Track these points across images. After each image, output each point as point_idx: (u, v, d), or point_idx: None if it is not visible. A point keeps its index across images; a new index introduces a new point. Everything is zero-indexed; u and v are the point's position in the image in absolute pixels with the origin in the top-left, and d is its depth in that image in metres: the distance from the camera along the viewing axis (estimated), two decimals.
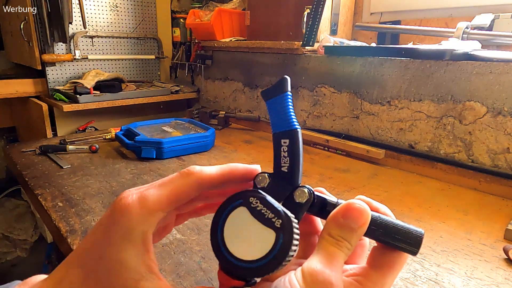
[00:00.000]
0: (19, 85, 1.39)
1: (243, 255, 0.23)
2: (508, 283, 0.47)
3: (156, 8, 1.64)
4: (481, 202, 0.73)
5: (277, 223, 0.23)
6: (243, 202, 0.24)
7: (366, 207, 0.24)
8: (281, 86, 0.27)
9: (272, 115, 0.28)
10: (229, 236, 0.24)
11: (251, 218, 0.23)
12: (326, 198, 0.27)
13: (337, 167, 0.92)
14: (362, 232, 0.24)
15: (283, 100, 0.27)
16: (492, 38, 0.86)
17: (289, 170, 0.27)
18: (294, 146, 0.27)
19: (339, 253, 0.23)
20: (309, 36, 1.08)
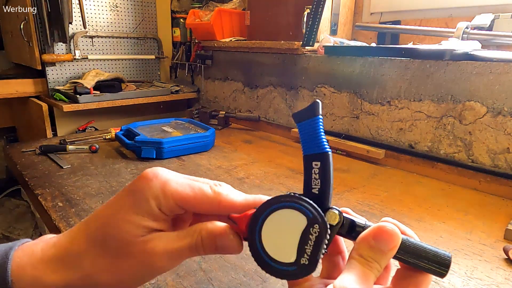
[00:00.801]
0: (19, 85, 1.39)
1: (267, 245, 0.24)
2: (508, 283, 0.47)
3: (156, 8, 1.64)
4: (481, 202, 0.73)
5: (304, 260, 0.24)
6: (310, 218, 0.24)
7: (397, 231, 0.24)
8: (313, 110, 0.28)
9: (303, 137, 0.28)
10: (268, 229, 0.25)
11: (299, 232, 0.24)
12: (355, 220, 0.27)
13: (337, 167, 0.92)
14: (392, 254, 0.24)
15: (315, 124, 0.28)
16: (492, 38, 0.86)
17: (320, 192, 0.27)
18: (326, 168, 0.27)
19: (370, 274, 0.23)
20: (309, 36, 1.08)
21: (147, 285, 0.45)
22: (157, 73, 1.73)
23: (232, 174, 0.84)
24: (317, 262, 0.23)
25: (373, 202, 0.71)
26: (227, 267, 0.49)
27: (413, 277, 0.25)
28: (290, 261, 0.24)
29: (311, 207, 0.25)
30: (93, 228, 0.26)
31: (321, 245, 0.24)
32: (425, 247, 0.25)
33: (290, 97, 1.19)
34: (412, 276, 0.25)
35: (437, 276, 0.25)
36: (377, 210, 0.68)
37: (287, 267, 0.24)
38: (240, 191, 0.30)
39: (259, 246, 0.24)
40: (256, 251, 0.24)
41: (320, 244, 0.24)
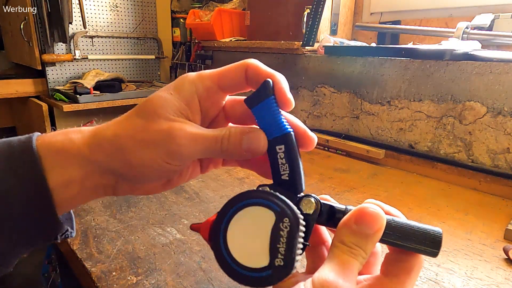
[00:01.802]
0: (19, 85, 1.39)
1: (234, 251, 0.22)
2: (508, 283, 0.47)
3: (156, 8, 1.64)
4: (481, 202, 0.73)
5: (278, 261, 0.21)
6: (278, 212, 0.21)
7: (380, 211, 0.22)
8: (265, 90, 0.25)
9: (260, 122, 0.26)
10: (233, 233, 0.22)
11: (268, 230, 0.21)
12: (334, 205, 0.25)
13: (337, 167, 0.92)
14: (378, 238, 0.22)
15: (269, 105, 0.25)
16: (492, 38, 0.86)
17: (290, 177, 0.25)
18: (291, 150, 0.25)
19: (353, 262, 0.21)
20: (309, 36, 1.08)
21: (147, 284, 0.45)
22: (157, 73, 1.73)
23: (232, 174, 0.84)
24: (294, 260, 0.21)
25: None
26: None
27: (403, 260, 0.23)
28: (263, 265, 0.21)
29: (276, 199, 0.22)
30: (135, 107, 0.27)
31: (295, 241, 0.21)
32: (412, 225, 0.22)
33: None
34: (402, 259, 0.23)
35: (430, 255, 0.22)
36: None
37: (261, 272, 0.21)
38: (239, 191, 0.29)
39: (226, 254, 0.22)
40: (223, 260, 0.21)
41: (293, 240, 0.21)
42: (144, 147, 0.24)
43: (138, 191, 0.28)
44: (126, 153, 0.24)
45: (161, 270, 0.48)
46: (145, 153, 0.24)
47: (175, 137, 0.24)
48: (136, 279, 0.46)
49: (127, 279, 0.46)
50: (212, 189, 0.73)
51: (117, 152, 0.24)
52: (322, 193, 0.27)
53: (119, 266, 0.48)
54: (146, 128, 0.24)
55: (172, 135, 0.24)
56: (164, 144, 0.24)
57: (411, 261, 0.23)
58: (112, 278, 0.46)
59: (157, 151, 0.24)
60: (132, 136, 0.24)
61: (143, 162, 0.24)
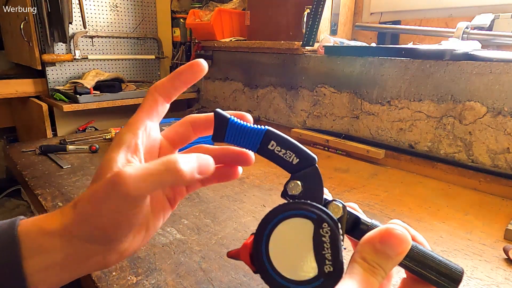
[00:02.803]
0: (19, 85, 1.39)
1: (281, 268, 0.21)
2: (508, 283, 0.47)
3: (156, 8, 1.64)
4: (481, 202, 0.73)
5: (327, 268, 0.21)
6: (315, 219, 0.21)
7: (407, 235, 0.22)
8: (220, 119, 0.26)
9: (240, 144, 0.25)
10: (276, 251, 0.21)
11: (309, 240, 0.21)
12: (360, 216, 0.25)
13: (337, 167, 0.92)
14: (399, 260, 0.22)
15: (234, 126, 0.25)
16: (492, 38, 0.86)
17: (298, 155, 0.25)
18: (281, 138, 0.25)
19: (374, 281, 0.21)
20: (309, 36, 1.08)
21: (147, 284, 0.45)
22: (157, 73, 1.73)
23: None
24: (342, 264, 0.21)
25: (373, 202, 0.71)
26: (227, 267, 0.49)
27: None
28: (314, 276, 0.21)
29: (309, 207, 0.22)
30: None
31: (339, 243, 0.21)
32: (435, 257, 0.23)
33: (290, 97, 1.19)
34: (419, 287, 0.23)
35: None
36: (377, 210, 0.68)
37: (313, 283, 0.21)
38: (239, 191, 0.29)
39: (275, 275, 0.21)
40: (275, 281, 0.21)
41: (337, 242, 0.21)
42: (101, 203, 0.24)
43: (126, 252, 0.28)
44: (92, 218, 0.24)
45: (161, 270, 0.48)
46: (105, 208, 0.24)
47: (120, 180, 0.23)
48: (136, 279, 0.46)
49: (127, 279, 0.46)
50: (212, 189, 0.73)
51: (85, 220, 0.25)
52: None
53: (119, 266, 0.48)
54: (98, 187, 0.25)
55: (116, 181, 0.23)
56: (114, 193, 0.24)
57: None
58: (112, 278, 0.46)
59: (111, 201, 0.24)
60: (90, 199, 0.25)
61: (108, 219, 0.24)
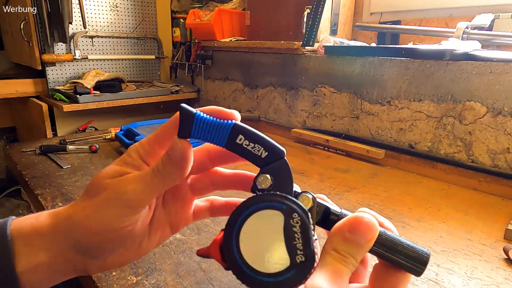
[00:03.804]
0: (19, 85, 1.39)
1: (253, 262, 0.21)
2: (508, 283, 0.47)
3: (156, 8, 1.64)
4: (481, 202, 0.73)
5: (299, 258, 0.21)
6: (285, 209, 0.21)
7: (375, 222, 0.22)
8: (186, 115, 0.24)
9: (207, 139, 0.24)
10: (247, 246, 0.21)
11: (280, 231, 0.21)
12: (330, 207, 0.25)
13: (337, 167, 0.92)
14: (369, 247, 0.22)
15: (200, 122, 0.24)
16: (492, 38, 0.86)
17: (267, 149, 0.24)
18: (248, 132, 0.24)
19: (345, 270, 0.21)
20: (309, 36, 1.08)
21: (147, 284, 0.45)
22: (157, 73, 1.73)
23: None
24: (314, 253, 0.21)
25: (373, 202, 0.71)
26: None
27: (391, 275, 0.23)
28: (286, 266, 0.21)
29: (279, 198, 0.21)
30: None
31: (309, 233, 0.21)
32: (403, 241, 0.23)
33: (290, 97, 1.19)
34: (390, 273, 0.23)
35: (413, 273, 0.23)
36: (377, 210, 0.68)
37: (286, 274, 0.21)
38: (240, 191, 0.30)
39: (247, 269, 0.21)
40: (247, 276, 0.21)
41: (307, 232, 0.21)
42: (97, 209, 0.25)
43: (112, 264, 0.28)
44: (84, 222, 0.25)
45: (161, 270, 0.48)
46: (100, 214, 0.25)
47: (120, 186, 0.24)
48: (136, 279, 0.46)
49: (127, 279, 0.46)
50: None
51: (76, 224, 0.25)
52: (321, 193, 0.27)
53: None
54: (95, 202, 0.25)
55: (116, 186, 0.25)
56: (113, 198, 0.25)
57: (399, 277, 0.23)
58: (112, 278, 0.46)
59: (110, 207, 0.24)
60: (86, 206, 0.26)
61: (101, 224, 0.25)
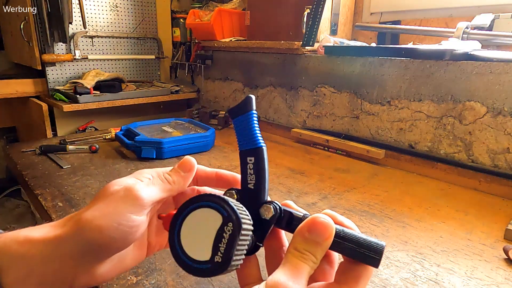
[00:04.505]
0: (19, 85, 1.39)
1: (185, 243, 0.25)
2: (508, 283, 0.47)
3: (156, 8, 1.64)
4: (481, 202, 0.73)
5: (217, 258, 0.24)
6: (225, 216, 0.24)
7: (330, 221, 0.24)
8: (246, 105, 0.28)
9: (238, 133, 0.29)
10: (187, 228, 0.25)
11: (214, 230, 0.24)
12: (292, 212, 0.27)
13: (337, 167, 0.92)
14: (327, 245, 0.24)
15: (248, 119, 0.28)
16: (492, 38, 0.86)
17: (255, 187, 0.28)
18: (260, 163, 0.28)
19: (304, 266, 0.23)
20: (309, 36, 1.08)
21: (147, 284, 0.45)
22: (157, 73, 1.73)
23: None
24: (231, 260, 0.23)
25: (373, 202, 0.71)
26: None
27: (353, 269, 0.25)
28: (205, 259, 0.24)
29: (226, 206, 0.24)
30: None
31: (234, 243, 0.24)
32: (360, 237, 0.25)
33: (290, 97, 1.19)
34: (352, 268, 0.25)
35: (371, 264, 0.25)
36: (377, 210, 0.68)
37: (202, 265, 0.24)
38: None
39: (177, 245, 0.25)
40: (175, 249, 0.25)
41: (233, 242, 0.23)
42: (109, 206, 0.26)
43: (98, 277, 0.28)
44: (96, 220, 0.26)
45: (161, 270, 0.48)
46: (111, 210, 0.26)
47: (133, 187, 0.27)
48: (136, 279, 0.46)
49: (127, 279, 0.46)
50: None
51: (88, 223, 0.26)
52: (321, 193, 0.28)
53: None
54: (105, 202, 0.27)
55: (130, 187, 0.27)
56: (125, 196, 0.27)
57: (360, 270, 0.25)
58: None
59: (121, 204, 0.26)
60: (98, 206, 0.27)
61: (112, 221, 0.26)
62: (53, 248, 0.25)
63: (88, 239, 0.26)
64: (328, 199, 0.72)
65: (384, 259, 0.52)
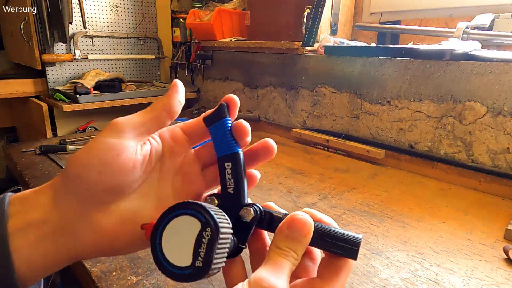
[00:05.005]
0: (19, 85, 1.39)
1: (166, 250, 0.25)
2: (508, 283, 0.47)
3: (156, 8, 1.64)
4: (481, 202, 0.73)
5: (198, 263, 0.24)
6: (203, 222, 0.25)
7: (308, 218, 0.25)
8: (221, 112, 0.29)
9: (214, 140, 0.30)
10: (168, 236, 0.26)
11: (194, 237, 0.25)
12: (272, 212, 0.29)
13: (337, 167, 0.92)
14: (307, 241, 0.25)
15: (223, 126, 0.29)
16: (492, 38, 0.86)
17: (235, 191, 0.29)
18: (237, 168, 0.29)
19: (284, 262, 0.24)
20: (309, 36, 1.08)
21: (147, 284, 0.45)
22: (157, 73, 1.73)
23: None
24: (211, 263, 0.24)
25: (373, 202, 0.71)
26: None
27: (333, 264, 0.26)
28: (186, 265, 0.25)
29: (204, 212, 0.25)
30: None
31: (213, 248, 0.24)
32: (338, 231, 0.26)
33: (290, 97, 1.19)
34: (332, 263, 0.26)
35: (349, 257, 0.26)
36: (377, 210, 0.68)
37: (184, 270, 0.25)
38: None
39: (159, 253, 0.25)
40: (157, 257, 0.25)
41: (212, 247, 0.24)
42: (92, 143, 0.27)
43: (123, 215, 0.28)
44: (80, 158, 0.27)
45: None
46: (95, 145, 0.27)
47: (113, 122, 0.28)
48: (136, 279, 0.46)
49: (127, 279, 0.46)
50: None
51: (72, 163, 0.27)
52: (321, 193, 0.28)
53: (119, 266, 0.48)
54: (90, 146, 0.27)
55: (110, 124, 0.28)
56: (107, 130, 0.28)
57: (340, 264, 0.26)
58: (112, 278, 0.46)
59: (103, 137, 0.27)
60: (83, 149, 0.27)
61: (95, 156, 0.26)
62: (49, 197, 0.26)
63: (74, 175, 0.26)
64: (328, 199, 0.72)
65: (384, 259, 0.52)
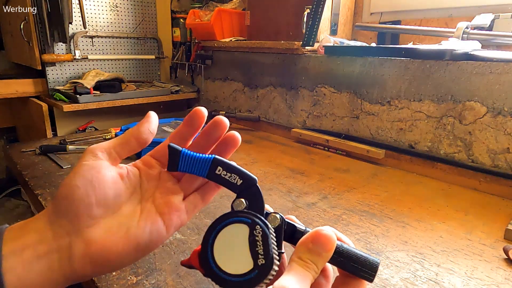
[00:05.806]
0: (19, 85, 1.39)
1: (224, 266, 0.26)
2: (508, 283, 0.47)
3: (156, 8, 1.64)
4: (481, 202, 0.73)
5: (260, 261, 0.25)
6: (250, 223, 0.26)
7: (333, 235, 0.26)
8: (174, 156, 0.31)
9: (192, 171, 0.31)
10: (219, 253, 0.26)
11: (245, 240, 0.26)
12: (296, 225, 0.29)
13: (337, 167, 0.92)
14: (328, 257, 0.26)
15: (185, 158, 0.31)
16: (492, 38, 0.86)
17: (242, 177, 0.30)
18: (226, 165, 0.30)
19: (307, 274, 0.25)
20: (309, 36, 1.08)
21: (147, 284, 0.45)
22: (157, 73, 1.73)
23: None
24: (273, 257, 0.25)
25: (373, 202, 0.71)
26: None
27: (349, 283, 0.27)
28: (250, 268, 0.25)
29: (244, 214, 0.26)
30: None
31: (269, 240, 0.25)
32: (357, 253, 0.27)
33: (290, 97, 1.19)
34: (347, 281, 0.27)
35: (366, 279, 0.27)
36: (377, 210, 0.68)
37: (250, 274, 0.25)
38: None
39: (220, 273, 0.25)
40: (219, 278, 0.25)
41: (267, 240, 0.25)
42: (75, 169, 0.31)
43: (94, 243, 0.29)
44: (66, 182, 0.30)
45: (161, 270, 0.48)
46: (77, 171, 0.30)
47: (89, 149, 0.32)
48: (136, 279, 0.46)
49: (127, 279, 0.46)
50: None
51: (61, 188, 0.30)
52: (322, 193, 0.29)
53: None
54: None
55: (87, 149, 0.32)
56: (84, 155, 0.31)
57: (355, 283, 0.27)
58: (112, 278, 0.46)
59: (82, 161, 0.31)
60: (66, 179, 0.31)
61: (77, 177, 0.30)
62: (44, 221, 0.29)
63: (62, 197, 0.29)
64: (328, 199, 0.72)
65: (384, 259, 0.52)
